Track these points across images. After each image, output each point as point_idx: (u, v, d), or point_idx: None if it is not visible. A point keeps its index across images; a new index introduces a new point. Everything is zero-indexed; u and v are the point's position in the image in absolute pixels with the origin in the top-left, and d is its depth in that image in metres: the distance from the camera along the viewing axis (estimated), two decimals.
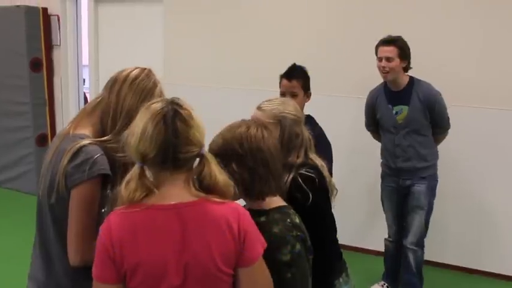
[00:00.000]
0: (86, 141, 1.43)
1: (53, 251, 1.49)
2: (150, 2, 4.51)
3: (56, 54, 5.01)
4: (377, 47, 2.97)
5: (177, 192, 1.21)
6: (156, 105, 1.21)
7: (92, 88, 4.96)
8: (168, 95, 1.33)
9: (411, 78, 2.98)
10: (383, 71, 2.92)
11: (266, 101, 1.79)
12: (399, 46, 2.89)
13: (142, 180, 1.19)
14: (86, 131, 1.49)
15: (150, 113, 1.20)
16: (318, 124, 2.40)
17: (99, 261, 1.18)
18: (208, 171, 1.23)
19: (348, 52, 3.71)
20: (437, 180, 3.08)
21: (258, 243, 1.24)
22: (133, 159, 1.21)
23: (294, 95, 2.41)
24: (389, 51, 2.89)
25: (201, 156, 1.23)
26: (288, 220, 1.41)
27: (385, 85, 3.06)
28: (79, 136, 1.46)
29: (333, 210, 1.79)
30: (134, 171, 1.21)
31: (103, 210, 1.47)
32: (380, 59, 2.92)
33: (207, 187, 1.23)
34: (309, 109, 2.44)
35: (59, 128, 5.07)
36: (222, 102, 3.97)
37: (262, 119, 1.69)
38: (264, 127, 1.47)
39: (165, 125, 1.17)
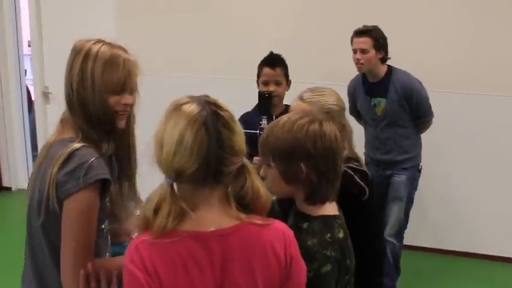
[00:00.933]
0: (78, 144, 1.25)
1: (49, 277, 1.30)
2: None
3: None
4: (351, 38, 2.86)
5: (215, 215, 1.03)
6: (190, 107, 1.00)
7: (36, 79, 4.51)
8: None
9: (389, 68, 2.87)
10: (358, 63, 2.82)
11: (307, 91, 1.73)
12: (374, 37, 2.78)
13: (175, 202, 0.99)
14: (72, 134, 1.30)
15: (185, 117, 0.99)
16: None
17: None
18: (251, 185, 1.06)
19: (324, 38, 3.60)
20: (419, 171, 3.00)
21: (303, 269, 1.11)
22: (164, 174, 1.01)
23: (278, 84, 2.38)
24: (364, 42, 2.78)
25: (242, 166, 1.05)
26: (329, 235, 1.26)
27: (363, 75, 2.96)
28: (68, 140, 1.27)
29: None
30: (164, 190, 1.00)
31: (102, 226, 1.31)
32: (354, 51, 2.82)
33: (246, 203, 1.06)
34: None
35: (0, 124, 4.61)
36: (190, 92, 3.68)
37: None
38: (331, 121, 1.33)
39: (208, 133, 0.98)
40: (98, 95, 1.27)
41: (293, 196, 1.32)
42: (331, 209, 1.33)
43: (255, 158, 2.17)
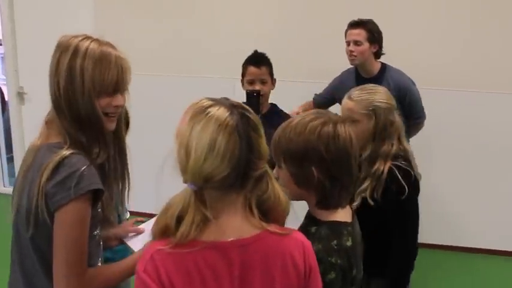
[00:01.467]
0: (67, 151, 1.17)
1: (40, 286, 1.24)
2: None
3: None
4: (346, 31, 2.81)
5: (237, 223, 1.00)
6: (219, 110, 0.96)
7: (10, 79, 4.35)
8: None
9: (383, 65, 2.82)
10: (350, 56, 2.76)
11: (357, 89, 1.78)
12: (368, 29, 2.72)
13: (199, 210, 0.96)
14: (59, 139, 1.22)
15: (216, 122, 0.95)
16: (282, 110, 2.45)
17: None
18: (273, 191, 1.02)
19: (312, 36, 3.56)
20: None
21: (320, 280, 1.10)
22: (187, 180, 0.97)
23: (263, 82, 2.37)
24: (357, 34, 2.72)
25: (264, 171, 1.02)
26: (335, 241, 1.20)
27: (356, 71, 2.88)
28: (56, 145, 1.19)
29: None
30: (188, 197, 0.97)
31: (95, 232, 1.26)
32: (348, 43, 2.76)
33: (267, 209, 1.03)
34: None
35: None
36: (174, 91, 3.64)
37: (355, 109, 1.71)
38: (349, 124, 1.27)
39: (240, 137, 0.95)
40: (88, 96, 1.19)
41: (305, 200, 1.28)
42: (343, 215, 1.27)
43: None
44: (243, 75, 2.42)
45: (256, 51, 2.44)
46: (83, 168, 1.15)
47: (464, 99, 3.43)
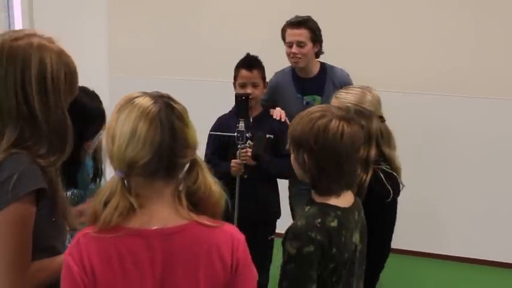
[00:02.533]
0: (5, 153, 1.14)
1: None
2: None
3: None
4: (283, 30, 2.58)
5: (163, 212, 1.02)
6: (144, 100, 1.01)
7: None
8: (117, 88, 1.14)
9: (322, 64, 2.65)
10: (293, 58, 2.54)
11: (344, 88, 1.83)
12: (310, 28, 2.52)
13: (124, 196, 0.99)
14: None
15: (138, 109, 0.99)
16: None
17: None
18: (203, 181, 1.04)
19: None
20: None
21: (252, 275, 1.10)
22: (115, 167, 1.01)
23: (255, 86, 2.36)
24: (300, 34, 2.50)
25: (194, 161, 1.05)
26: (319, 220, 1.32)
27: (292, 71, 2.67)
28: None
29: None
30: (114, 183, 1.00)
31: (53, 219, 1.23)
32: (290, 45, 2.52)
33: (197, 200, 1.05)
34: None
35: None
36: (173, 95, 3.76)
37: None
38: (347, 120, 1.35)
39: (161, 124, 0.98)
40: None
41: (307, 181, 1.41)
42: (337, 201, 1.38)
43: (233, 161, 2.25)
44: (235, 78, 2.40)
45: (248, 54, 2.42)
46: (20, 170, 1.12)
47: (457, 104, 3.42)
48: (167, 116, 1.00)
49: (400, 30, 3.46)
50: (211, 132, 2.40)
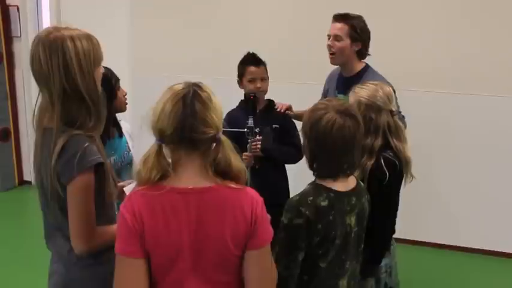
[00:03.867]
0: (67, 135, 1.40)
1: (60, 245, 1.53)
2: None
3: (17, 47, 4.85)
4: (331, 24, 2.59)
5: (193, 176, 1.26)
6: (178, 86, 1.27)
7: None
8: (138, 87, 1.30)
9: (366, 65, 2.57)
10: (329, 52, 2.54)
11: (360, 83, 1.98)
12: (351, 24, 2.46)
13: (159, 159, 1.24)
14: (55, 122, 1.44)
15: (171, 93, 1.25)
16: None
17: (123, 236, 1.24)
18: (224, 156, 1.27)
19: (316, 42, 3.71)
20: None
21: (268, 230, 1.31)
22: (154, 135, 1.26)
23: (263, 80, 2.57)
24: (339, 28, 2.47)
25: (217, 140, 1.27)
26: (311, 198, 1.52)
27: (340, 69, 2.69)
28: (61, 129, 1.42)
29: None
30: (152, 148, 1.26)
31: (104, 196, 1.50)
32: (329, 37, 2.53)
33: (222, 171, 1.27)
34: (285, 98, 2.68)
35: (22, 122, 4.96)
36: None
37: (350, 102, 1.87)
38: (346, 114, 1.51)
39: (184, 105, 1.22)
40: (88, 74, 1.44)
41: None
42: (337, 184, 1.56)
43: (244, 154, 2.42)
44: (241, 75, 2.61)
45: (249, 52, 2.62)
46: (84, 147, 1.39)
47: (468, 102, 3.53)
48: (191, 99, 1.23)
49: (402, 32, 3.58)
50: (223, 129, 2.52)
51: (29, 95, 4.94)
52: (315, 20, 3.68)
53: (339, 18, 2.51)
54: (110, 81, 2.06)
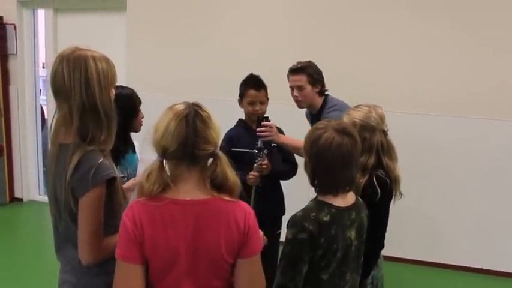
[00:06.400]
0: (82, 151, 1.47)
1: (71, 255, 1.57)
2: (111, 12, 4.50)
3: (12, 64, 4.90)
4: (287, 76, 2.87)
5: (192, 189, 1.35)
6: (180, 106, 1.37)
7: (50, 99, 4.84)
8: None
9: (325, 98, 2.86)
10: (296, 101, 2.84)
11: (355, 106, 2.07)
12: (308, 73, 2.79)
13: (161, 174, 1.33)
14: (72, 138, 1.50)
15: (173, 112, 1.34)
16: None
17: (124, 242, 1.32)
18: (221, 170, 1.36)
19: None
20: None
21: (259, 241, 1.41)
22: (156, 152, 1.34)
23: (262, 103, 2.67)
24: (299, 79, 2.79)
25: (215, 155, 1.36)
26: (313, 214, 1.58)
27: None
28: (77, 144, 1.49)
29: None
30: (155, 164, 1.34)
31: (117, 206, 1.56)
32: (292, 89, 2.83)
33: (219, 184, 1.37)
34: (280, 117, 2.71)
35: (15, 139, 4.97)
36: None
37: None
38: (344, 133, 1.59)
39: (187, 124, 1.32)
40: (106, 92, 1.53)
41: None
42: (335, 200, 1.62)
43: (251, 173, 2.53)
44: (242, 95, 2.70)
45: (252, 74, 2.71)
46: (98, 162, 1.46)
47: (449, 123, 3.66)
48: (193, 118, 1.33)
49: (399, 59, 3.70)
50: (233, 149, 2.58)
51: (23, 112, 4.99)
52: (310, 40, 3.86)
53: (295, 71, 2.81)
54: (135, 101, 2.21)
